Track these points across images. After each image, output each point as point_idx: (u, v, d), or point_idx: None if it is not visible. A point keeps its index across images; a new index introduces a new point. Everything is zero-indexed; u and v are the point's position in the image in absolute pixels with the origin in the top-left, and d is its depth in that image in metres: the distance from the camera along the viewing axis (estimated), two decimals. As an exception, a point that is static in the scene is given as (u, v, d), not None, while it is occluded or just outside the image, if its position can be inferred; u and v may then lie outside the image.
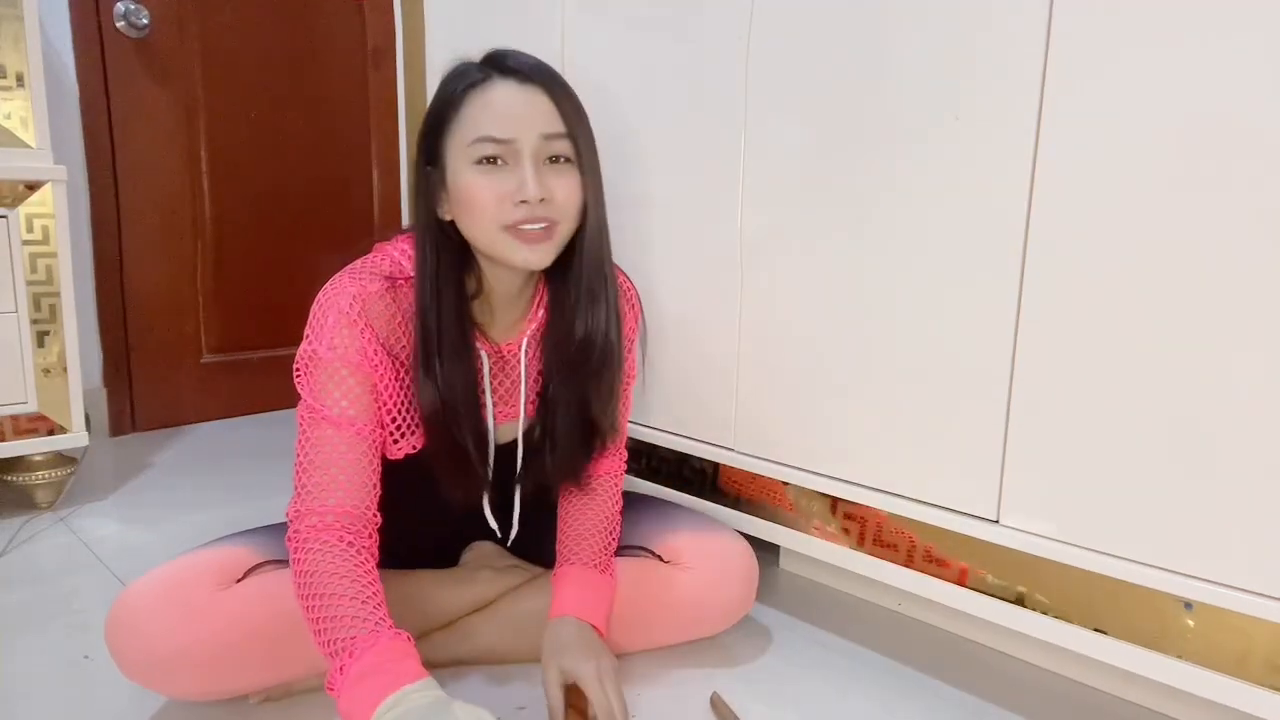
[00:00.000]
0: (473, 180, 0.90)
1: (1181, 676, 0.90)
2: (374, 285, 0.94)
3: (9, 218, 1.51)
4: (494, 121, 0.89)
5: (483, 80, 0.91)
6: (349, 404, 0.92)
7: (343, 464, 0.91)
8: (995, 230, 0.99)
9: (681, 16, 1.29)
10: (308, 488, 0.90)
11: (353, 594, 0.84)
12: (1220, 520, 0.86)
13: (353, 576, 0.86)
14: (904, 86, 1.05)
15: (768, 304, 1.24)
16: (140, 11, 2.01)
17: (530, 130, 0.90)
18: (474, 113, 0.90)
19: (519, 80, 0.91)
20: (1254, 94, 0.80)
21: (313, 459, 0.91)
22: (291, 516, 0.91)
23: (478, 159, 0.90)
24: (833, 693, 1.08)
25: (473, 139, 0.90)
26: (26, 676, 1.08)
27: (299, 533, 0.89)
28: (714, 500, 1.34)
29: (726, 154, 1.25)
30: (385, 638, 0.81)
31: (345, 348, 0.91)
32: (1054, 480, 0.98)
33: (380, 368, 0.94)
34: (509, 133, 0.89)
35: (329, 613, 0.83)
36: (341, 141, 2.42)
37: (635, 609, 1.10)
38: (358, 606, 0.83)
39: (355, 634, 0.81)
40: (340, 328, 0.91)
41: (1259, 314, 0.82)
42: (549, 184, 0.91)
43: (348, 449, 0.91)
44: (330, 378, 0.92)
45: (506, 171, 0.90)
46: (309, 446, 0.92)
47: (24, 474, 1.61)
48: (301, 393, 0.93)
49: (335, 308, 0.92)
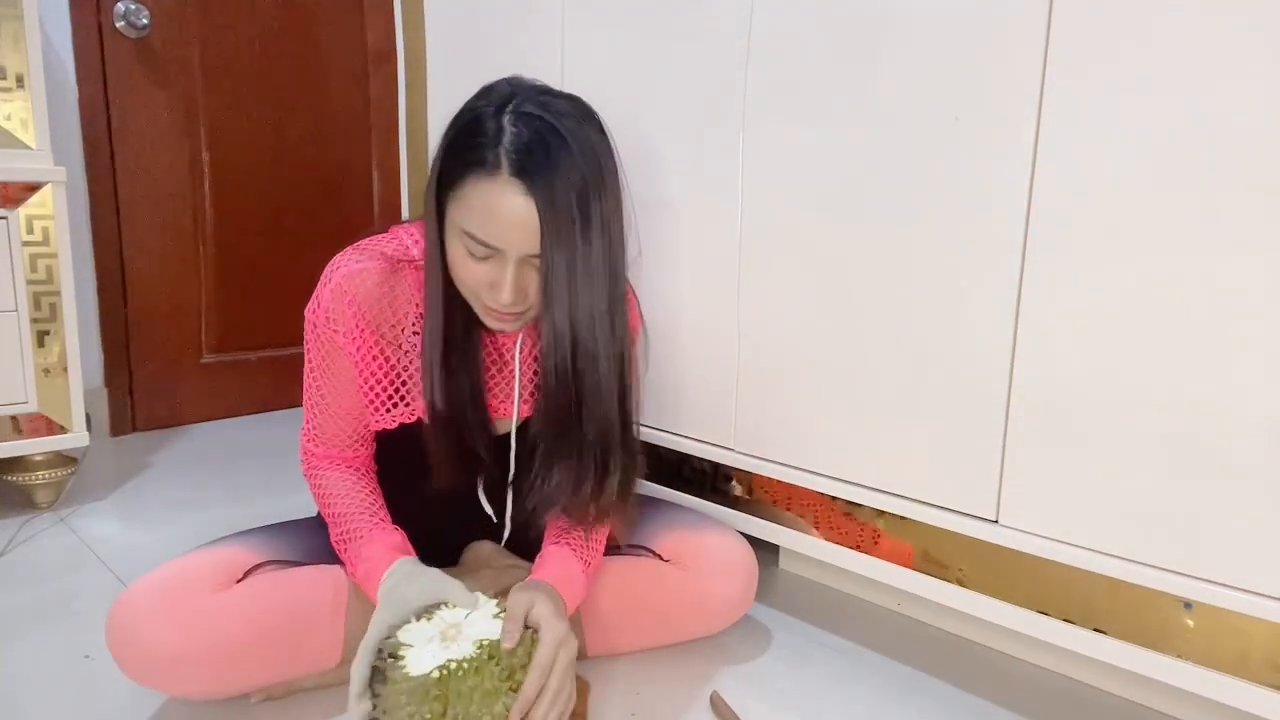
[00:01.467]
0: (458, 255, 0.94)
1: (1181, 676, 0.90)
2: (373, 264, 1.02)
3: (9, 219, 1.51)
4: (488, 230, 0.90)
5: (493, 170, 0.89)
6: (331, 368, 1.04)
7: (330, 414, 1.06)
8: (995, 230, 0.99)
9: (681, 17, 1.29)
10: (313, 428, 1.07)
11: (358, 510, 1.02)
12: (1220, 520, 0.86)
13: (357, 496, 1.04)
14: (904, 87, 1.05)
15: (767, 304, 1.24)
16: (140, 11, 2.01)
17: (518, 246, 0.91)
18: (474, 205, 0.90)
19: (524, 187, 0.88)
20: (1254, 93, 0.80)
21: (310, 399, 1.06)
22: (303, 445, 1.09)
23: (466, 247, 0.93)
24: (833, 693, 1.08)
25: (465, 229, 0.91)
26: (26, 676, 1.08)
27: (310, 464, 1.08)
28: (716, 500, 1.34)
29: (725, 155, 1.25)
30: (381, 540, 0.98)
31: (335, 320, 1.01)
32: (1054, 480, 0.98)
33: (363, 345, 1.02)
34: (499, 243, 0.91)
35: (341, 527, 1.01)
36: (341, 141, 2.42)
37: (636, 607, 1.10)
38: (363, 519, 1.01)
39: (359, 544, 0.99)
40: (330, 301, 1.01)
41: (1259, 313, 0.82)
42: (524, 284, 0.93)
43: (334, 403, 1.05)
44: (317, 340, 1.03)
45: (491, 263, 0.93)
46: (308, 387, 1.06)
47: (24, 474, 1.61)
48: (305, 336, 1.04)
49: (331, 281, 1.01)
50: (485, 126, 0.90)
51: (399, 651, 0.83)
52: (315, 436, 1.07)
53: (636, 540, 1.15)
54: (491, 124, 0.90)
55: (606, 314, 0.96)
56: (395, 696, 0.80)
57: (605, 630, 1.10)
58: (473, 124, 0.92)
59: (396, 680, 0.81)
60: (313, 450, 1.08)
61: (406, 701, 0.79)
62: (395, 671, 0.82)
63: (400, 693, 0.80)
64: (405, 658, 0.82)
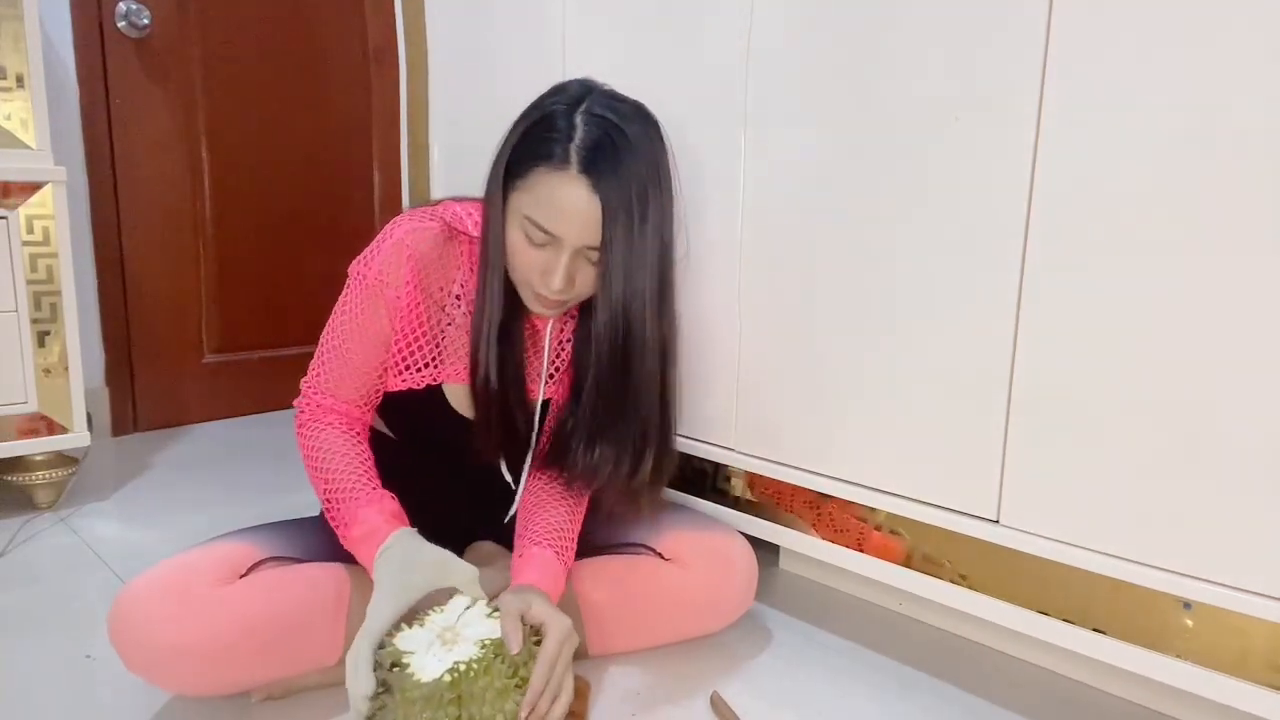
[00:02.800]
0: (517, 240, 1.00)
1: (1181, 676, 0.89)
2: (434, 224, 1.07)
3: (9, 218, 1.51)
4: (551, 219, 0.96)
5: (562, 164, 0.95)
6: (369, 321, 1.06)
7: (350, 368, 1.07)
8: (995, 230, 0.99)
9: (682, 17, 1.29)
10: (324, 378, 1.08)
11: (352, 470, 1.02)
12: (1220, 520, 0.86)
13: (351, 456, 1.04)
14: (904, 88, 1.05)
15: (767, 304, 1.24)
16: (140, 11, 2.02)
17: (577, 237, 0.97)
18: (541, 194, 0.96)
19: (590, 183, 0.95)
20: (1254, 94, 0.80)
21: (330, 349, 1.08)
22: (305, 396, 1.09)
23: (526, 232, 0.98)
24: (833, 693, 1.08)
25: (528, 214, 0.97)
26: (26, 676, 1.08)
27: (308, 412, 1.08)
28: (716, 500, 1.34)
29: (726, 154, 1.25)
30: (377, 503, 0.99)
31: (387, 274, 1.04)
32: (1054, 480, 0.98)
33: (411, 301, 1.05)
34: (558, 232, 0.97)
35: (333, 487, 1.02)
36: (342, 141, 2.42)
37: (636, 606, 1.10)
38: (353, 480, 1.01)
39: (353, 505, 0.99)
40: (390, 254, 1.05)
41: (1259, 313, 0.82)
42: (574, 273, 1.00)
43: (358, 357, 1.07)
44: (363, 293, 1.06)
45: (546, 251, 0.99)
46: (331, 337, 1.08)
47: (24, 474, 1.61)
48: (347, 289, 1.08)
49: (393, 236, 1.06)
50: (558, 123, 0.97)
51: (402, 660, 0.83)
52: (323, 387, 1.08)
53: (637, 539, 1.15)
54: (563, 122, 0.97)
55: (655, 304, 1.03)
56: (408, 705, 0.79)
57: (605, 629, 1.10)
58: (547, 119, 0.98)
59: (407, 689, 0.80)
60: (317, 401, 1.09)
61: (422, 708, 0.79)
62: (403, 680, 0.81)
63: (413, 700, 0.79)
64: (410, 665, 0.82)
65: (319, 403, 1.09)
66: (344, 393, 1.08)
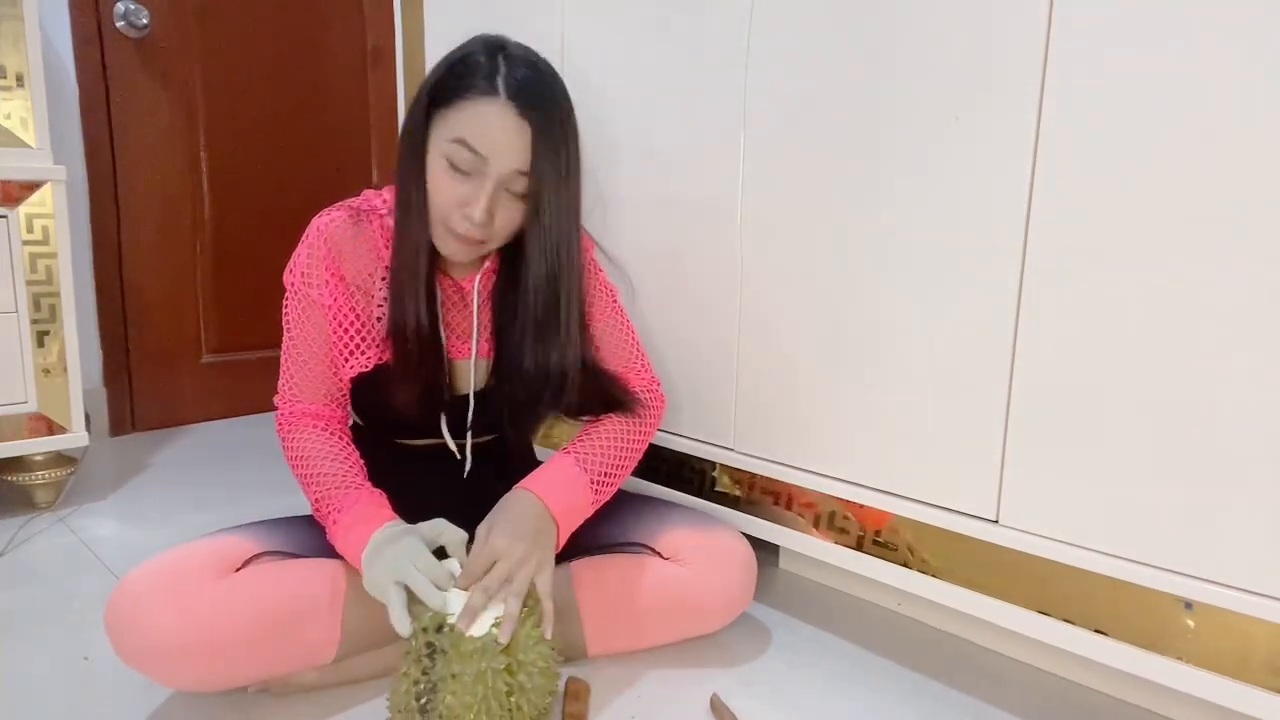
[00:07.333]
0: (438, 176, 0.99)
1: (1182, 678, 0.89)
2: (339, 213, 1.10)
3: (9, 218, 1.51)
4: (479, 137, 0.96)
5: (490, 92, 0.96)
6: (308, 324, 1.09)
7: (309, 370, 1.10)
8: (995, 230, 0.99)
9: (682, 17, 1.29)
10: (289, 384, 1.12)
11: (334, 468, 1.04)
12: (1220, 520, 0.86)
13: (333, 455, 1.06)
14: (904, 88, 1.05)
15: (767, 304, 1.24)
16: (140, 11, 2.01)
17: (504, 161, 0.97)
18: (467, 116, 0.97)
19: (518, 109, 0.96)
20: (1254, 96, 0.80)
21: (288, 357, 1.11)
22: (278, 407, 1.12)
23: (450, 160, 0.98)
24: (833, 693, 1.08)
25: (455, 137, 0.97)
26: (26, 676, 1.08)
27: (286, 420, 1.11)
28: (716, 500, 1.34)
29: (726, 154, 1.25)
30: (364, 498, 1.01)
31: (310, 276, 1.08)
32: (1054, 480, 0.98)
33: (336, 293, 1.07)
34: (486, 152, 0.97)
35: (320, 484, 1.03)
36: (341, 141, 2.41)
37: (636, 605, 1.10)
38: (340, 477, 1.03)
39: (341, 498, 1.01)
40: (305, 255, 1.08)
41: (1259, 313, 0.82)
42: (494, 208, 0.99)
43: (312, 358, 1.10)
44: (295, 299, 1.09)
45: (468, 183, 0.98)
46: (286, 345, 1.11)
47: (24, 474, 1.61)
48: (285, 297, 1.11)
49: (306, 238, 1.09)
50: (479, 61, 0.99)
51: (447, 621, 0.88)
52: (291, 394, 1.11)
53: (636, 538, 1.15)
54: (486, 59, 0.99)
55: (570, 245, 1.05)
56: (463, 660, 0.85)
57: (605, 629, 1.10)
58: (467, 59, 0.99)
59: (461, 644, 0.86)
60: (289, 408, 1.11)
61: (479, 659, 0.85)
62: (457, 638, 0.86)
63: (467, 655, 0.85)
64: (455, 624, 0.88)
65: (292, 409, 1.11)
66: (311, 395, 1.11)
